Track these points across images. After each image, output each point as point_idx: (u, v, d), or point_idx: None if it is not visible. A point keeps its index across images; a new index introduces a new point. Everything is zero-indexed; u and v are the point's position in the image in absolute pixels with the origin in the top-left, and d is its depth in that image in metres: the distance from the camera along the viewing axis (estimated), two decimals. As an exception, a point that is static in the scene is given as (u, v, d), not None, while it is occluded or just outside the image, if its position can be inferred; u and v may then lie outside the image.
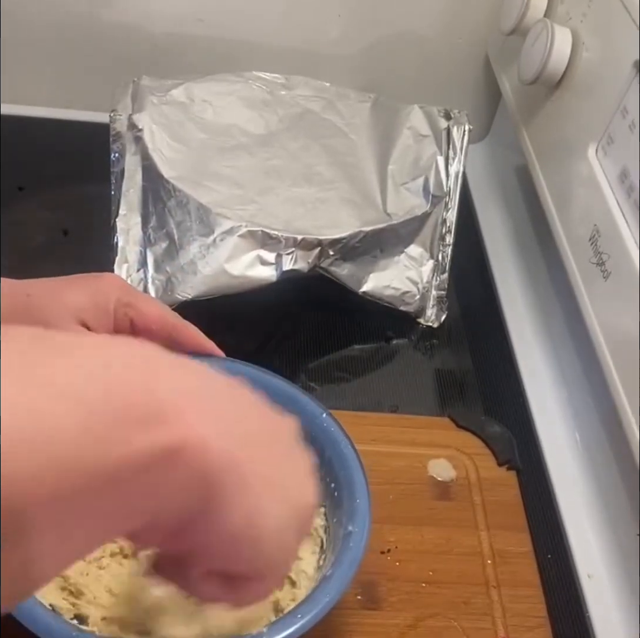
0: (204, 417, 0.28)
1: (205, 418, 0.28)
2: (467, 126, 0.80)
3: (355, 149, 0.79)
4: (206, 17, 0.89)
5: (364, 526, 0.51)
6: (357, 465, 0.54)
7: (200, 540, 0.30)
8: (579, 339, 0.71)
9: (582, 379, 0.71)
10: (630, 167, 0.60)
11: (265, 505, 0.31)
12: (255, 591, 0.34)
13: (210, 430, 0.28)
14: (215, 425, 0.29)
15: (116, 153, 0.74)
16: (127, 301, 0.53)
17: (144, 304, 0.54)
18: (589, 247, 0.63)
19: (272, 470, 0.32)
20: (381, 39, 0.92)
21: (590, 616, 0.61)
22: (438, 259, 0.78)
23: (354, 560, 0.49)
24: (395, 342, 0.78)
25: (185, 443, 0.27)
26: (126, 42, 0.90)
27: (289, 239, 0.69)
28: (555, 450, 0.70)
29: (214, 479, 0.28)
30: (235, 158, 0.75)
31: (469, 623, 0.58)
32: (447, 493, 0.65)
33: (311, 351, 0.75)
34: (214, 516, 0.29)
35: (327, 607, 0.47)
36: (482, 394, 0.74)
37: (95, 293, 0.53)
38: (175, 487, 0.27)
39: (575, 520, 0.66)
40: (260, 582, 0.34)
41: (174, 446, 0.27)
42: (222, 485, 0.28)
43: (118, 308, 0.53)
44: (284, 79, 0.84)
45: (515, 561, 0.62)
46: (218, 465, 0.28)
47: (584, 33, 0.68)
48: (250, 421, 0.32)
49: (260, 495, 0.30)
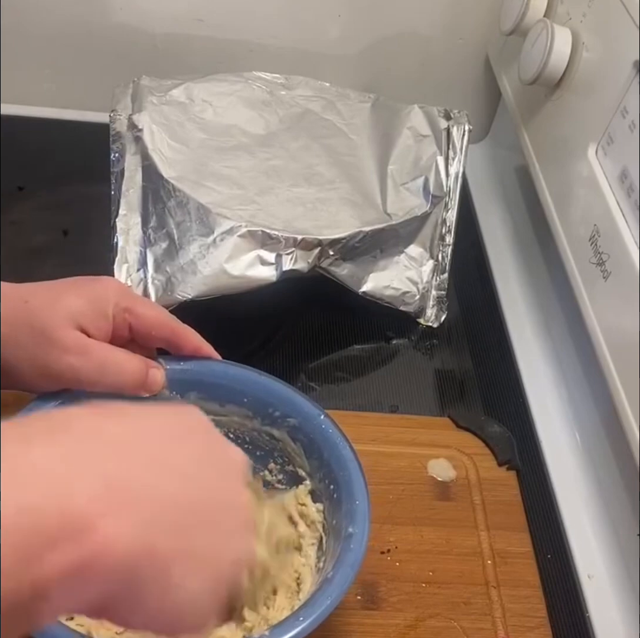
0: (119, 516, 0.30)
1: (121, 517, 0.30)
2: (467, 126, 0.80)
3: (355, 149, 0.79)
4: (206, 17, 0.89)
5: (364, 527, 0.51)
6: (356, 466, 0.54)
7: (122, 616, 0.33)
8: (579, 339, 0.71)
9: (582, 379, 0.71)
10: (630, 167, 0.60)
11: (178, 582, 0.32)
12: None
13: (124, 528, 0.30)
14: (132, 518, 0.30)
15: (116, 153, 0.74)
16: (126, 306, 0.53)
17: (143, 308, 0.54)
18: (589, 247, 0.63)
19: (194, 539, 0.33)
20: (381, 39, 0.92)
21: (590, 616, 0.61)
22: (438, 259, 0.78)
23: (355, 561, 0.49)
24: (395, 342, 0.78)
25: (95, 555, 0.29)
26: (126, 42, 0.90)
27: (289, 239, 0.69)
28: (555, 450, 0.70)
29: (127, 575, 0.30)
30: (235, 158, 0.75)
31: (469, 623, 0.58)
32: (447, 493, 0.65)
33: (311, 351, 0.75)
34: (131, 601, 0.31)
35: (328, 609, 0.47)
36: (482, 394, 0.74)
37: (94, 298, 0.53)
38: (92, 589, 0.29)
39: (575, 520, 0.66)
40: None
41: (84, 560, 0.28)
42: (136, 578, 0.30)
43: (117, 313, 0.53)
44: (284, 79, 0.84)
45: (515, 561, 0.62)
46: (130, 564, 0.30)
47: (584, 33, 0.68)
48: (182, 477, 0.34)
49: (173, 575, 0.32)
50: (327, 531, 0.54)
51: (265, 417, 0.57)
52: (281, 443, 0.58)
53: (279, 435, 0.57)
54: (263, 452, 0.59)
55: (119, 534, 0.29)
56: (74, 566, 0.28)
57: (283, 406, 0.57)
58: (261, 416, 0.58)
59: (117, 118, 0.76)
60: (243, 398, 0.57)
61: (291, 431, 0.57)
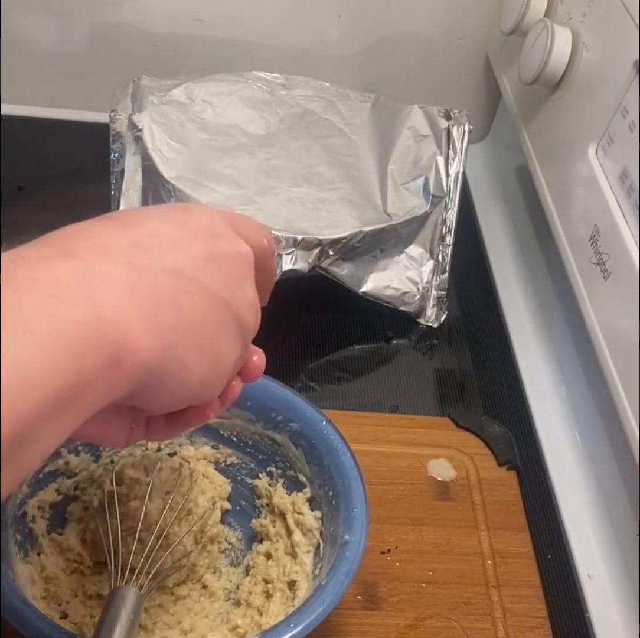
0: (144, 321, 0.33)
1: (146, 321, 0.33)
2: (467, 126, 0.80)
3: (355, 149, 0.79)
4: (206, 17, 0.89)
5: (361, 536, 0.51)
6: (356, 474, 0.54)
7: (148, 401, 0.37)
8: (579, 339, 0.71)
9: (582, 379, 0.71)
10: (630, 167, 0.60)
11: (193, 369, 0.36)
12: (192, 416, 0.41)
13: (146, 329, 0.33)
14: (156, 321, 0.33)
15: (116, 153, 0.74)
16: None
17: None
18: (589, 247, 0.63)
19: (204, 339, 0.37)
20: (381, 39, 0.92)
21: (590, 616, 0.61)
22: (438, 259, 0.78)
23: (350, 570, 0.49)
24: (395, 342, 0.78)
25: (126, 355, 0.32)
26: (126, 42, 0.90)
27: (289, 239, 0.69)
28: (555, 450, 0.70)
29: (152, 371, 0.34)
30: (235, 158, 0.75)
31: (469, 623, 0.58)
32: (447, 493, 0.65)
33: (311, 351, 0.75)
34: (156, 389, 0.35)
35: (321, 617, 0.47)
36: (482, 394, 0.74)
37: None
38: (123, 384, 0.33)
39: (575, 520, 0.66)
40: (195, 408, 0.41)
41: (118, 358, 0.32)
42: (159, 372, 0.34)
43: None
44: (284, 79, 0.84)
45: (515, 561, 0.62)
46: (155, 362, 0.34)
47: (584, 33, 0.68)
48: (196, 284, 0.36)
49: (190, 366, 0.36)
50: (325, 538, 0.54)
51: (267, 421, 0.57)
52: (283, 447, 0.58)
53: (281, 440, 0.57)
54: (265, 456, 0.59)
55: (146, 336, 0.33)
56: (112, 361, 0.31)
57: (286, 411, 0.57)
58: (264, 420, 0.58)
59: (117, 118, 0.76)
60: (246, 401, 0.57)
61: (293, 436, 0.57)
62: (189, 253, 0.36)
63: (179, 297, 0.35)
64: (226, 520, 0.59)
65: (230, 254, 0.38)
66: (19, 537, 0.52)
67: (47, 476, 0.55)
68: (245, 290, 0.39)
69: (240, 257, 0.39)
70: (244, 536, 0.59)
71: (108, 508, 0.54)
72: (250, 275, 0.40)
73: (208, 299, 0.36)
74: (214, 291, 0.37)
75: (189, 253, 0.36)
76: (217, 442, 0.60)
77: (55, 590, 0.53)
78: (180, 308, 0.35)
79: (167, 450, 0.59)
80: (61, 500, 0.56)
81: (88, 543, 0.56)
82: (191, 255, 0.36)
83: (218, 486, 0.59)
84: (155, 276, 0.34)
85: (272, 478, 0.59)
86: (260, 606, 0.54)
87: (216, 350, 0.38)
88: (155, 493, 0.56)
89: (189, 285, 0.36)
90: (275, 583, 0.54)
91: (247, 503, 0.60)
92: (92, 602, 0.54)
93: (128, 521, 0.55)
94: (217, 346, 0.38)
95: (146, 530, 0.54)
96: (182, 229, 0.37)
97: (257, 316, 0.41)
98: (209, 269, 0.37)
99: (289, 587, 0.54)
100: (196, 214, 0.39)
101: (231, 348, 0.39)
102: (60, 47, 0.90)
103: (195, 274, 0.36)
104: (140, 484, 0.56)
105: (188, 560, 0.56)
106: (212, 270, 0.37)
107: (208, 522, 0.57)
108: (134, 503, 0.55)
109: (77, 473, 0.57)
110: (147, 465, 0.57)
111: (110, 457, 0.58)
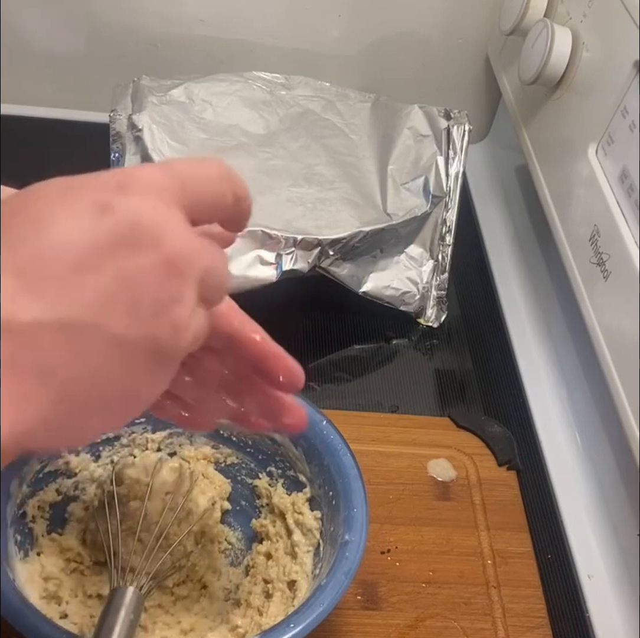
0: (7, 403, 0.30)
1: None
2: (467, 126, 0.80)
3: (355, 149, 0.79)
4: (206, 17, 0.89)
5: (361, 535, 0.51)
6: (356, 474, 0.54)
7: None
8: (579, 339, 0.71)
9: (582, 379, 0.71)
10: (630, 167, 0.60)
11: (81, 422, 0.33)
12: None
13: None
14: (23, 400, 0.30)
15: (116, 153, 0.74)
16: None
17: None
18: (589, 247, 0.63)
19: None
20: (381, 39, 0.92)
21: (590, 616, 0.61)
22: (438, 259, 0.78)
23: (350, 570, 0.49)
24: (395, 342, 0.78)
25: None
26: (126, 42, 0.90)
27: (289, 239, 0.69)
28: (555, 450, 0.70)
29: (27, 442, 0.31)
30: (235, 158, 0.75)
31: (469, 623, 0.58)
32: (447, 493, 0.65)
33: (311, 351, 0.75)
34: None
35: (320, 617, 0.47)
36: (482, 394, 0.74)
37: None
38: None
39: (575, 520, 0.66)
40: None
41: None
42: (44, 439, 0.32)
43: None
44: (284, 79, 0.84)
45: (515, 561, 0.62)
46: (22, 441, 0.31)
47: (584, 33, 0.68)
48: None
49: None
50: (325, 538, 0.54)
51: None
52: (283, 447, 0.58)
53: (281, 440, 0.57)
54: (265, 456, 0.59)
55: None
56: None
57: None
58: None
59: (117, 118, 0.76)
60: None
61: (293, 436, 0.57)
62: (92, 286, 0.30)
63: (69, 359, 0.30)
64: (226, 520, 0.59)
65: (151, 270, 0.31)
66: (19, 537, 0.52)
67: (47, 476, 0.55)
68: (172, 315, 0.32)
69: (167, 269, 0.32)
70: (244, 536, 0.59)
71: (108, 508, 0.54)
72: (183, 288, 0.32)
73: (111, 349, 0.31)
74: (118, 335, 0.31)
75: (91, 288, 0.30)
76: (217, 442, 0.60)
77: (55, 590, 0.53)
78: (69, 372, 0.30)
79: (167, 450, 0.59)
80: (61, 500, 0.56)
81: (88, 543, 0.56)
82: (93, 291, 0.30)
83: (218, 486, 0.59)
84: (40, 340, 0.30)
85: (272, 478, 0.59)
86: (260, 606, 0.54)
87: (123, 393, 0.33)
88: (155, 493, 0.56)
89: (83, 336, 0.30)
90: (275, 583, 0.55)
91: (247, 503, 0.60)
92: (92, 602, 0.54)
93: (128, 522, 0.55)
94: (123, 391, 0.33)
95: (146, 530, 0.54)
96: (95, 234, 0.31)
97: (195, 332, 0.34)
98: (115, 306, 0.31)
99: (289, 587, 0.54)
100: (125, 202, 0.32)
101: (149, 380, 0.34)
102: (60, 47, 0.90)
103: (95, 319, 0.30)
104: (140, 484, 0.56)
105: (188, 560, 0.56)
106: (120, 305, 0.31)
107: (208, 522, 0.57)
108: (134, 503, 0.55)
109: (77, 473, 0.57)
110: (147, 465, 0.57)
111: (110, 457, 0.58)
